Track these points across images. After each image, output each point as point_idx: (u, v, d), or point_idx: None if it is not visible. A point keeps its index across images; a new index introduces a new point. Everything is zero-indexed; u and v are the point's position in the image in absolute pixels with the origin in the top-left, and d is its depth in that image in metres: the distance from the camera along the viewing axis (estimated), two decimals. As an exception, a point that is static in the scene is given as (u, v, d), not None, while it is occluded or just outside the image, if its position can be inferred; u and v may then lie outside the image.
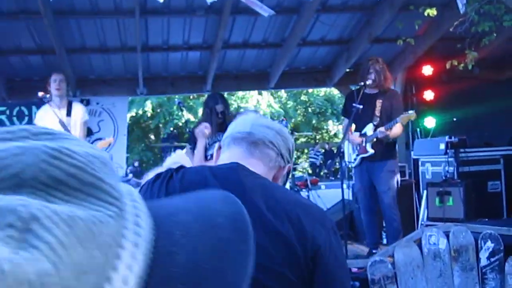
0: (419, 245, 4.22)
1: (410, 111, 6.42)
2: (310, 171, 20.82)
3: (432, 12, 6.62)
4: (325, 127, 30.49)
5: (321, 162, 23.13)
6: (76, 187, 0.41)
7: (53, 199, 0.39)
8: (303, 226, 1.63)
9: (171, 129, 24.55)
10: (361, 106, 6.07)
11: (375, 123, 6.26)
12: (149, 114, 25.82)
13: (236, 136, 1.95)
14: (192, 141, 6.95)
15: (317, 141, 27.24)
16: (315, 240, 1.62)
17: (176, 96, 11.82)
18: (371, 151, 6.22)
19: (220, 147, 2.03)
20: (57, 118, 6.26)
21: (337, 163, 21.02)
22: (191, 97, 22.90)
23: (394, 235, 6.08)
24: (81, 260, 0.37)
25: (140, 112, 25.28)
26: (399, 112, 6.31)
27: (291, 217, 1.63)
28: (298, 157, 26.68)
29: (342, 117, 7.28)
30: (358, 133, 6.39)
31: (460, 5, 5.53)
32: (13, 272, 0.33)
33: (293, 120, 27.65)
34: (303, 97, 28.51)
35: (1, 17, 7.50)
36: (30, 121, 8.04)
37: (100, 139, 9.32)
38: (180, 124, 25.07)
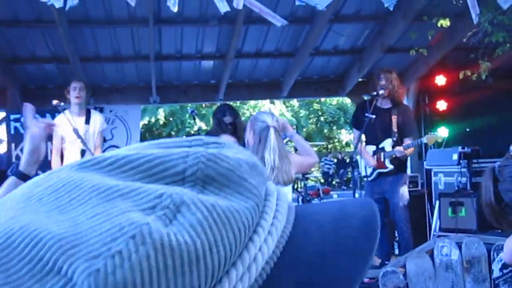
0: (431, 256, 4.20)
1: (436, 133, 6.40)
2: (322, 180, 20.74)
3: (445, 22, 6.62)
4: (337, 136, 30.42)
5: (334, 171, 23.06)
6: (224, 184, 0.53)
7: (206, 192, 0.51)
8: None
9: (183, 137, 24.58)
10: (373, 116, 6.05)
11: (394, 139, 6.25)
12: (161, 122, 25.90)
13: None
14: None
15: (329, 150, 27.18)
16: None
17: (189, 105, 11.86)
18: (390, 167, 6.22)
19: None
20: (71, 126, 6.27)
21: (349, 173, 20.97)
22: (203, 105, 22.95)
23: (406, 246, 6.07)
24: (215, 238, 0.48)
25: (153, 120, 25.36)
26: (412, 128, 6.33)
27: None
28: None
29: (352, 128, 7.21)
30: (372, 147, 6.36)
31: (473, 16, 5.51)
32: (161, 239, 0.45)
33: (305, 129, 27.60)
34: (315, 106, 28.47)
35: (17, 25, 7.58)
36: (44, 129, 8.09)
37: (113, 146, 9.40)
38: (192, 132, 25.12)
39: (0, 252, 0.47)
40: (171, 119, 25.87)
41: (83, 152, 6.52)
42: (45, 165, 7.84)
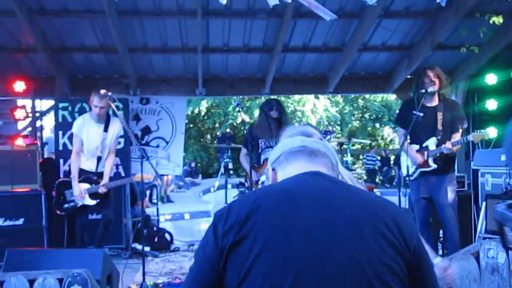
0: (476, 258, 4.13)
1: (483, 130, 6.24)
2: (365, 177, 20.55)
3: (498, 20, 6.48)
4: (380, 133, 30.12)
5: (377, 168, 22.86)
6: None
7: None
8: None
9: (227, 130, 24.66)
10: (421, 114, 5.93)
11: (438, 137, 6.10)
12: (202, 113, 26.00)
13: (292, 151, 1.98)
14: (249, 144, 7.01)
15: (373, 147, 26.91)
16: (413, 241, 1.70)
17: (234, 98, 11.89)
18: (433, 166, 6.09)
19: (273, 169, 2.03)
20: (87, 129, 6.79)
21: (393, 171, 20.73)
22: (246, 98, 22.96)
23: (454, 247, 5.96)
24: None
25: (196, 111, 25.49)
26: (460, 122, 6.16)
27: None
28: (353, 163, 26.44)
29: (396, 126, 7.05)
30: (416, 146, 6.24)
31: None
32: None
33: (349, 126, 27.40)
34: (360, 102, 28.24)
35: (66, 15, 7.70)
36: (91, 118, 8.22)
37: (158, 138, 9.52)
38: (235, 124, 25.18)
39: None
40: (213, 111, 25.97)
41: (99, 159, 6.91)
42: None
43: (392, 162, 25.23)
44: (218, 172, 20.04)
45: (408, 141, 6.26)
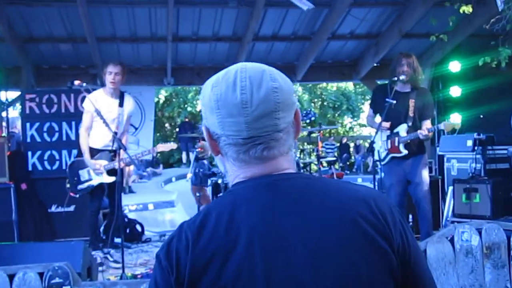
0: (451, 241, 4.23)
1: (456, 122, 6.37)
2: (325, 165, 20.72)
3: (467, 9, 6.59)
4: (340, 120, 30.41)
5: (336, 155, 23.09)
6: None
7: None
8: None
9: (185, 118, 24.55)
10: (394, 101, 6.01)
11: (409, 124, 6.20)
12: (161, 102, 25.83)
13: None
14: None
15: (332, 134, 27.16)
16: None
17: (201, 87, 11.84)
18: (404, 151, 6.18)
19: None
20: (100, 104, 6.25)
21: (352, 157, 21.02)
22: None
23: (428, 226, 6.08)
24: None
25: (155, 100, 25.30)
26: (431, 110, 6.30)
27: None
28: (313, 150, 26.65)
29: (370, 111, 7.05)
30: (387, 132, 6.31)
31: (498, 3, 5.52)
32: None
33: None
34: (319, 91, 28.46)
35: (35, 4, 7.54)
36: (59, 109, 8.05)
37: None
38: (194, 112, 25.09)
39: None
40: (172, 100, 25.83)
41: (114, 135, 6.12)
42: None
43: (351, 148, 25.58)
44: (181, 162, 19.95)
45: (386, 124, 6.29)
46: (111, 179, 6.51)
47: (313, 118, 6.92)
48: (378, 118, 6.41)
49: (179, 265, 1.31)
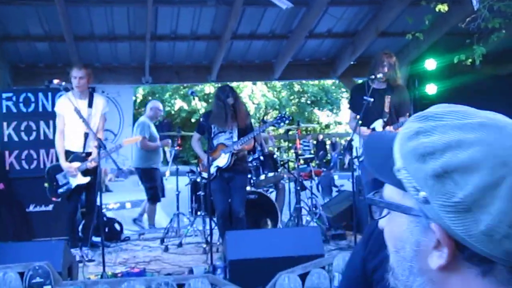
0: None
1: None
2: (301, 162, 20.80)
3: (443, 8, 6.68)
4: (317, 118, 30.56)
5: (312, 152, 23.21)
6: None
7: None
8: None
9: (163, 118, 24.50)
10: (372, 100, 6.09)
11: (385, 119, 6.28)
12: (139, 101, 25.74)
13: None
14: (201, 130, 7.11)
15: (309, 132, 27.30)
16: None
17: (182, 87, 11.81)
18: None
19: None
20: (73, 106, 6.34)
21: (329, 155, 21.04)
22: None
23: None
24: None
25: (133, 98, 25.20)
26: (406, 107, 6.39)
27: None
28: (289, 148, 26.71)
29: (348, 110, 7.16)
30: (364, 128, 6.39)
31: (474, 2, 5.61)
32: None
33: (287, 109, 27.70)
34: (296, 87, 28.57)
35: (12, 2, 7.47)
36: (36, 108, 8.03)
37: (106, 130, 9.38)
38: (173, 112, 25.05)
39: None
40: (150, 98, 25.73)
41: (86, 135, 6.61)
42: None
43: (327, 146, 25.72)
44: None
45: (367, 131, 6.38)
46: (86, 179, 6.67)
47: (287, 122, 7.01)
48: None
49: None
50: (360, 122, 6.40)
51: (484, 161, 0.88)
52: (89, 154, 6.69)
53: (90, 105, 6.70)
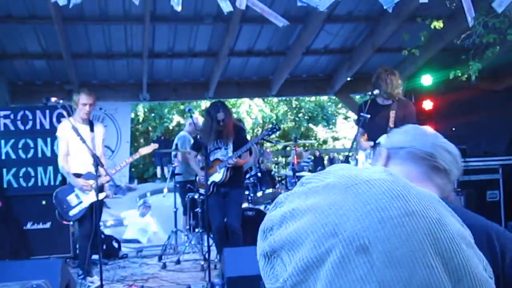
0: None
1: None
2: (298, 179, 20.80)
3: (439, 24, 6.74)
4: (313, 134, 30.59)
5: (311, 168, 23.22)
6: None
7: None
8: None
9: (161, 134, 24.54)
10: (368, 116, 6.12)
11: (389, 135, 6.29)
12: (140, 119, 25.78)
13: (415, 153, 1.72)
14: (196, 147, 7.21)
15: (307, 148, 27.31)
16: None
17: (180, 103, 11.85)
18: None
19: (388, 156, 1.78)
20: (76, 133, 6.29)
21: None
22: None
23: None
24: None
25: (132, 115, 25.25)
26: (412, 121, 6.41)
27: None
28: (288, 164, 26.71)
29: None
30: (372, 143, 6.42)
31: (469, 19, 5.63)
32: None
33: (284, 125, 27.74)
34: (294, 103, 28.62)
35: (9, 21, 7.51)
36: (34, 126, 8.04)
37: (104, 146, 9.41)
38: (171, 128, 25.05)
39: None
40: (152, 114, 25.80)
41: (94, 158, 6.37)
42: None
43: (325, 161, 25.70)
44: (156, 177, 19.89)
45: (365, 137, 6.39)
46: (101, 196, 6.60)
47: (275, 131, 7.11)
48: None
49: None
50: (365, 138, 6.43)
51: (311, 233, 0.74)
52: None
53: (91, 130, 6.75)
